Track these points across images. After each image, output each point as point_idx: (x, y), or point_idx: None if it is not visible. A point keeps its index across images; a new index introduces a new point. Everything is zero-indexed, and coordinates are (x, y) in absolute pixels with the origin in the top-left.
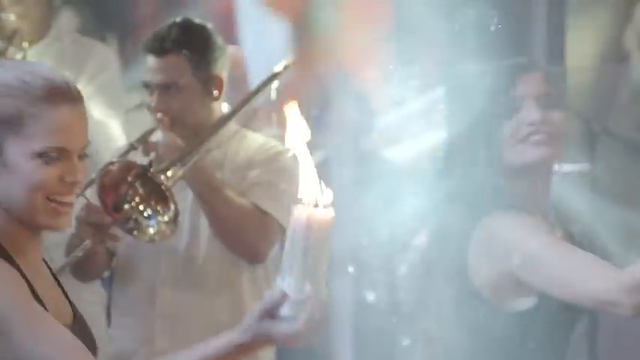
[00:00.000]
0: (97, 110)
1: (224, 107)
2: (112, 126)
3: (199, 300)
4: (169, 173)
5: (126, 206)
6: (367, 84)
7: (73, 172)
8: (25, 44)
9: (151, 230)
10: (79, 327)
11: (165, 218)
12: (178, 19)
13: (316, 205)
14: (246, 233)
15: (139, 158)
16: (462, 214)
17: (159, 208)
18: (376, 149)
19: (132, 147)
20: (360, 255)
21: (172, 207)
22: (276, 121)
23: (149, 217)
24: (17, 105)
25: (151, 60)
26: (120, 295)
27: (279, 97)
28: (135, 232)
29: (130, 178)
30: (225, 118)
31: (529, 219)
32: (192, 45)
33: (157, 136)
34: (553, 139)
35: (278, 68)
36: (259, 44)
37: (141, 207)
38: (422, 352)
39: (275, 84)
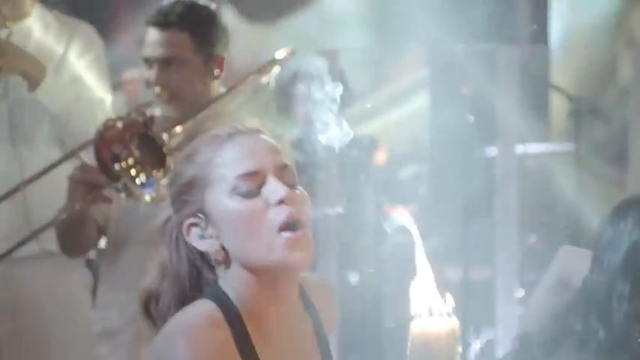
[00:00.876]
0: (86, 90)
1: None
2: (103, 106)
3: None
4: (168, 135)
5: (117, 166)
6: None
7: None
8: (10, 24)
9: (147, 198)
10: None
11: (165, 181)
12: None
13: (434, 314)
14: None
15: None
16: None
17: (155, 172)
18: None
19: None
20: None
21: (170, 165)
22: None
23: (143, 185)
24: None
25: (153, 33)
26: (108, 272)
27: None
28: (126, 196)
29: (128, 137)
30: (222, 95)
31: None
32: (196, 22)
33: (154, 111)
34: None
35: (280, 55)
36: None
37: (133, 171)
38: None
39: (275, 70)
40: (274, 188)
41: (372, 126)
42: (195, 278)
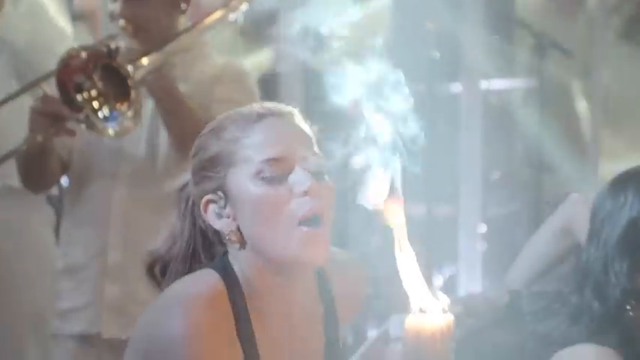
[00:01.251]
0: (45, 21)
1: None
2: (63, 37)
3: (156, 214)
4: (132, 67)
5: (79, 97)
6: None
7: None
8: None
9: (111, 131)
10: None
11: (129, 113)
12: None
13: (427, 311)
14: None
15: None
16: None
17: (119, 105)
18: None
19: None
20: None
21: (135, 98)
22: None
23: (106, 119)
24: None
25: None
26: (72, 208)
27: None
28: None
29: (91, 67)
30: (189, 29)
31: None
32: None
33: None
34: None
35: None
36: None
37: (96, 103)
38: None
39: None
40: (300, 178)
41: None
42: (207, 249)
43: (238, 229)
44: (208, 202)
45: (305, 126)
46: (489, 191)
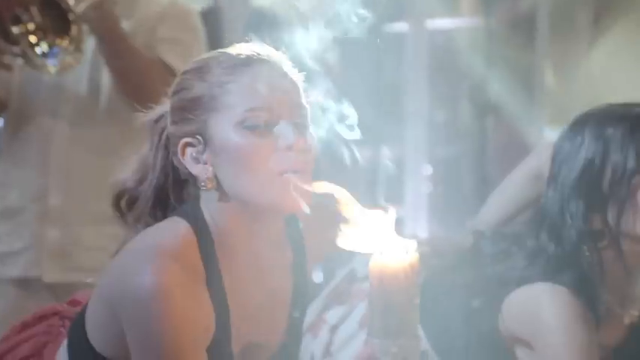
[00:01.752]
0: None
1: None
2: None
3: (98, 158)
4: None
5: (15, 30)
6: None
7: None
8: None
9: (51, 69)
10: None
11: (70, 50)
12: None
13: (392, 252)
14: (150, 88)
15: None
16: None
17: (59, 40)
18: None
19: None
20: None
21: (76, 33)
22: None
23: (45, 55)
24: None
25: None
26: (9, 147)
27: None
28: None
29: (29, 0)
30: None
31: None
32: None
33: None
34: None
35: None
36: None
37: (33, 38)
38: None
39: None
40: (285, 132)
41: None
42: (178, 190)
43: (215, 175)
44: (186, 144)
45: (294, 74)
46: (435, 133)
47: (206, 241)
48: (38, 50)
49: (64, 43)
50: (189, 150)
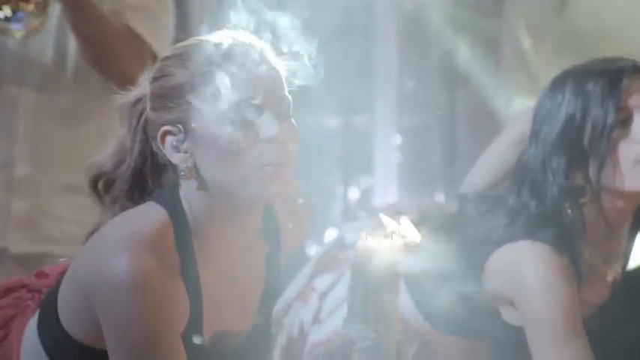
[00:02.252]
0: None
1: None
2: None
3: (65, 127)
4: None
5: None
6: None
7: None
8: None
9: (17, 34)
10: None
11: (35, 13)
12: None
13: (375, 235)
14: (117, 55)
15: None
16: None
17: (23, 4)
18: None
19: None
20: None
21: None
22: None
23: (8, 19)
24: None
25: None
26: None
27: None
28: None
29: None
30: None
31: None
32: None
33: None
34: None
35: None
36: None
37: None
38: None
39: None
40: (268, 123)
41: None
42: (157, 175)
43: (195, 164)
44: (166, 132)
45: (276, 63)
46: (404, 102)
47: (183, 229)
48: (1, 14)
49: (29, 7)
50: (169, 138)
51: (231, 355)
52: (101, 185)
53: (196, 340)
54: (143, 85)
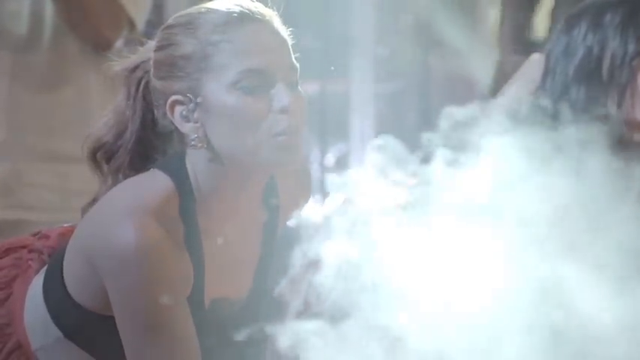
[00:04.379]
0: None
1: None
2: None
3: (41, 92)
4: None
5: None
6: None
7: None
8: None
9: None
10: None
11: None
12: None
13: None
14: (93, 17)
15: None
16: None
17: None
18: None
19: None
20: None
21: None
22: None
23: None
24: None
25: None
26: None
27: None
28: None
29: None
30: None
31: None
32: None
33: None
34: None
35: None
36: None
37: None
38: None
39: None
40: (280, 94)
41: None
42: (161, 144)
43: (205, 134)
44: (175, 102)
45: (285, 32)
46: (379, 67)
47: (188, 199)
48: None
49: None
50: (178, 108)
51: (229, 321)
52: (100, 156)
53: (197, 307)
54: (141, 52)
